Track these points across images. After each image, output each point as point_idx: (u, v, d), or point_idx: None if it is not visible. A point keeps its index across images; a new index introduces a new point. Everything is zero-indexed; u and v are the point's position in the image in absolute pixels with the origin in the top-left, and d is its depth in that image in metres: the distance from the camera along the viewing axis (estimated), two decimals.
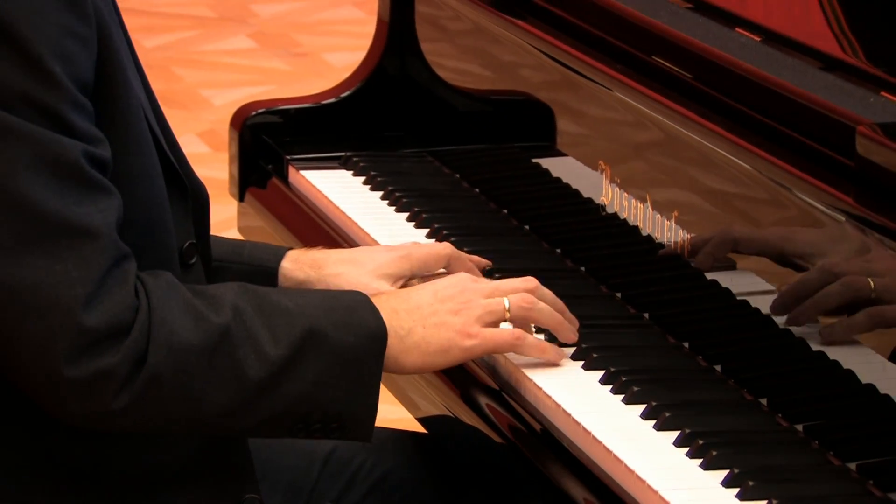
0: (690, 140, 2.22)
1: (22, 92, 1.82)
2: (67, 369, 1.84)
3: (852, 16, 2.53)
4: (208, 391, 1.91)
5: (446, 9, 2.83)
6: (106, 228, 1.86)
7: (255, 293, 1.98)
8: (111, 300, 1.86)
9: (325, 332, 1.96)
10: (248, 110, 2.91)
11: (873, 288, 1.91)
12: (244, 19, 7.09)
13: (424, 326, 2.05)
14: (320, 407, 1.96)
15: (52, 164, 1.83)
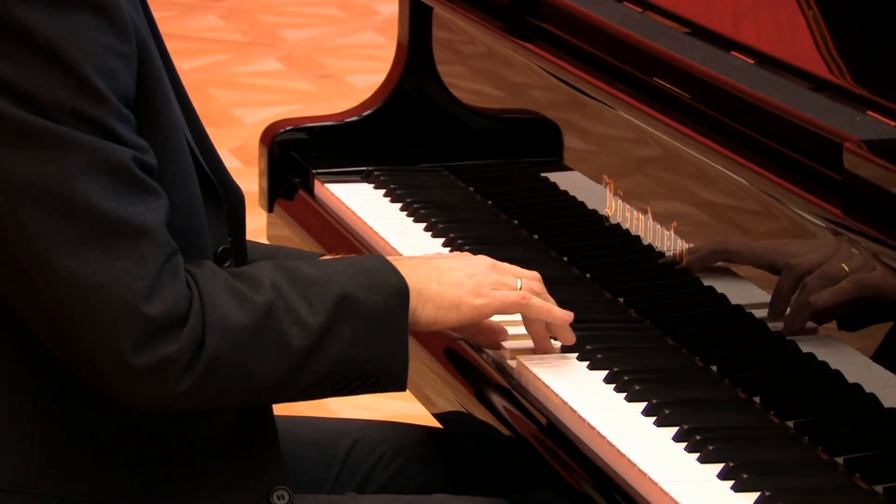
0: (688, 156, 2.21)
1: (71, 107, 1.82)
2: (134, 359, 1.84)
3: (839, 40, 2.53)
4: (260, 365, 1.91)
5: (461, 33, 2.83)
6: (158, 226, 1.86)
7: (286, 268, 1.98)
8: (167, 292, 1.85)
9: (356, 296, 1.96)
10: (276, 128, 2.92)
11: (860, 291, 1.90)
12: (273, 44, 7.09)
13: (440, 283, 2.05)
14: (358, 365, 1.97)
15: (105, 169, 1.83)
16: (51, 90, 1.81)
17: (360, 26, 7.36)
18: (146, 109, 1.90)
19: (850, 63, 2.40)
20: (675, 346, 2.23)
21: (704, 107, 2.23)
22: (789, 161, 2.06)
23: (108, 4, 1.84)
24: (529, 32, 2.62)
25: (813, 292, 1.99)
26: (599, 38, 2.47)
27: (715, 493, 1.88)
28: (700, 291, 2.20)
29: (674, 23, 2.47)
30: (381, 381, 2.00)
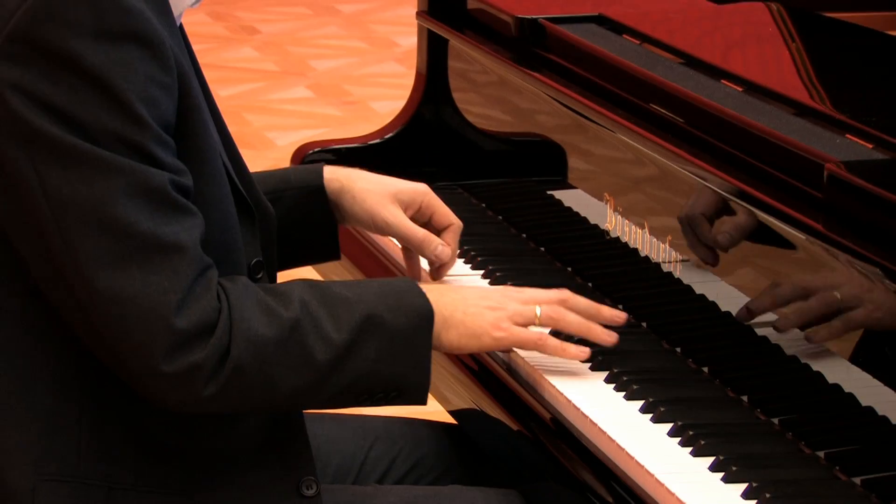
0: (682, 175, 2.21)
1: (114, 132, 1.81)
2: (165, 365, 1.84)
3: (819, 69, 2.53)
4: (284, 376, 1.90)
5: (475, 64, 2.83)
6: (191, 243, 1.85)
7: (318, 287, 1.97)
8: (198, 304, 1.85)
9: (382, 316, 1.95)
10: (306, 149, 2.91)
11: (839, 299, 1.90)
12: (303, 73, 7.10)
13: (465, 313, 2.03)
14: (381, 380, 1.96)
15: (143, 190, 1.83)
16: (96, 116, 1.81)
17: (382, 57, 7.36)
18: (185, 135, 1.90)
19: (830, 90, 2.40)
20: (670, 349, 2.22)
21: (697, 130, 2.22)
22: (775, 180, 2.05)
23: (152, 38, 1.84)
24: (537, 62, 2.61)
25: (795, 301, 1.99)
26: (601, 67, 2.47)
27: (706, 484, 1.88)
28: (693, 299, 2.19)
29: (669, 54, 2.47)
30: (403, 394, 1.98)
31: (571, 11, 2.69)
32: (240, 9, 8.04)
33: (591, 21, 2.64)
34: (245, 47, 7.56)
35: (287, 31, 7.84)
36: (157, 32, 1.84)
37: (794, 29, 2.73)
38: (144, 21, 1.83)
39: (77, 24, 1.80)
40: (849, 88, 2.40)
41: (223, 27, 7.84)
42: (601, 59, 2.48)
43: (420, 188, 2.34)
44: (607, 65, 2.46)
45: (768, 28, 2.76)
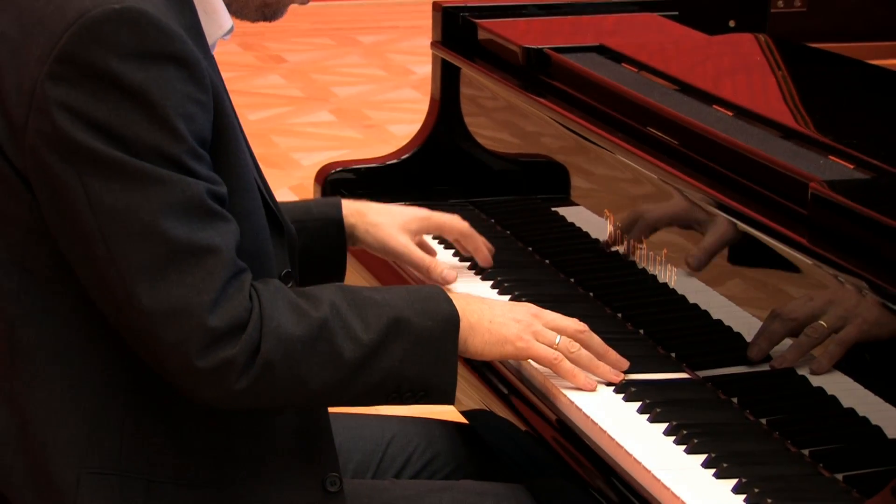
0: (677, 194, 2.20)
1: (154, 145, 1.81)
2: (199, 362, 1.82)
3: (804, 96, 2.53)
4: (313, 372, 1.88)
5: (484, 90, 2.83)
6: (225, 246, 1.84)
7: (349, 290, 1.95)
8: (231, 303, 1.84)
9: (409, 319, 1.93)
10: (328, 169, 2.91)
11: (826, 327, 1.90)
12: (326, 98, 7.10)
13: (491, 321, 2.02)
14: (408, 380, 1.93)
15: (180, 199, 1.82)
16: (137, 131, 1.80)
17: (399, 84, 7.36)
18: (220, 151, 1.89)
19: (814, 115, 2.40)
20: (665, 354, 2.21)
21: (690, 152, 2.22)
22: (763, 197, 2.05)
23: (189, 59, 1.83)
24: (542, 89, 2.61)
25: (782, 310, 1.99)
26: (601, 93, 2.47)
27: (699, 480, 1.87)
28: (686, 308, 2.19)
29: (664, 81, 2.47)
30: (431, 394, 1.96)
31: (574, 42, 2.69)
32: (268, 39, 8.05)
33: (593, 51, 2.64)
34: (273, 75, 7.57)
35: (311, 60, 7.85)
36: (194, 54, 1.84)
37: (780, 58, 2.74)
38: (182, 43, 1.82)
39: (120, 46, 1.79)
40: (831, 113, 2.40)
41: (253, 56, 7.84)
42: (601, 86, 2.48)
43: (422, 215, 2.38)
44: (607, 91, 2.46)
45: (756, 57, 2.76)
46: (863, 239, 1.84)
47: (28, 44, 1.83)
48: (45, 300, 1.89)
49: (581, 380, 2.07)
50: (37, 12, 1.83)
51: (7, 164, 1.85)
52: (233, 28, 1.98)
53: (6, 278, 1.89)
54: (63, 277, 1.88)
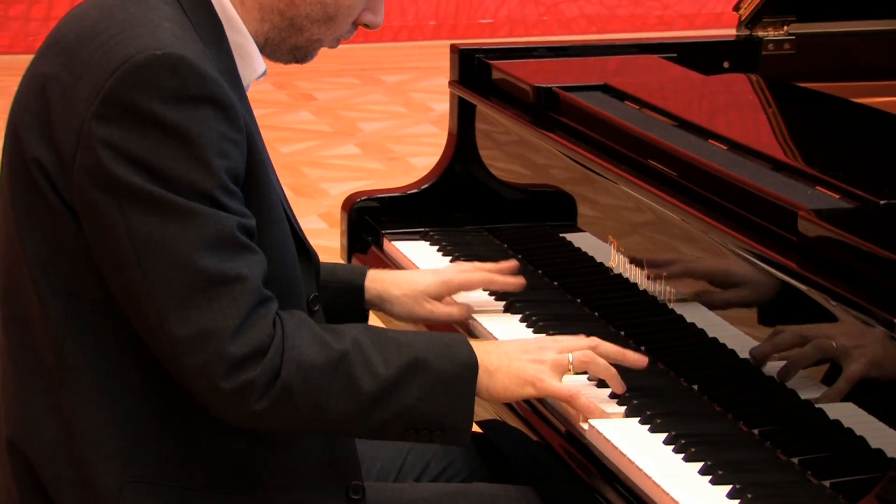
0: (675, 221, 2.19)
1: (189, 181, 1.80)
2: (223, 383, 1.81)
3: (793, 131, 2.53)
4: (330, 400, 1.86)
5: (498, 125, 2.82)
6: (251, 276, 1.83)
7: (374, 330, 1.93)
8: (254, 329, 1.82)
9: (428, 360, 1.90)
10: (354, 198, 2.91)
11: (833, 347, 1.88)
12: (352, 133, 7.11)
13: (509, 367, 1.97)
14: (424, 418, 1.90)
15: (211, 232, 1.81)
16: (175, 167, 1.80)
17: (420, 120, 7.37)
18: (251, 186, 1.88)
19: (802, 149, 2.39)
20: (665, 369, 2.20)
21: (688, 183, 2.21)
22: (755, 225, 2.04)
23: (225, 101, 1.83)
24: (551, 124, 2.61)
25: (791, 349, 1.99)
26: (606, 129, 2.46)
27: (696, 486, 1.86)
28: (684, 327, 2.18)
29: (664, 117, 2.46)
30: (446, 433, 1.92)
31: (580, 81, 2.68)
32: (299, 79, 8.07)
33: (598, 89, 2.64)
34: (303, 111, 7.58)
35: (339, 98, 7.86)
36: (229, 96, 1.84)
37: (771, 97, 2.74)
38: (218, 86, 1.82)
39: (160, 89, 1.79)
40: (818, 147, 2.40)
41: (285, 94, 7.86)
42: (606, 122, 2.47)
43: (443, 280, 2.32)
44: (611, 126, 2.45)
45: (748, 96, 2.76)
46: (847, 263, 1.83)
47: (77, 86, 1.83)
48: (91, 322, 1.89)
49: (597, 414, 2.02)
50: (85, 57, 1.84)
51: (57, 197, 1.86)
52: (266, 71, 1.98)
53: (55, 302, 1.89)
54: (107, 301, 1.88)
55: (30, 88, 1.90)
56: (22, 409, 1.94)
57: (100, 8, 1.89)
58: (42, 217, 1.88)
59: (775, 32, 2.97)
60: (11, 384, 1.96)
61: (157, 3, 1.87)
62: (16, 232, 1.91)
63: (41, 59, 1.91)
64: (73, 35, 1.88)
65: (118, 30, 1.83)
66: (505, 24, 9.20)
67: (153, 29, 1.83)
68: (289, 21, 1.95)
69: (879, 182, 2.04)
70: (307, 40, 1.98)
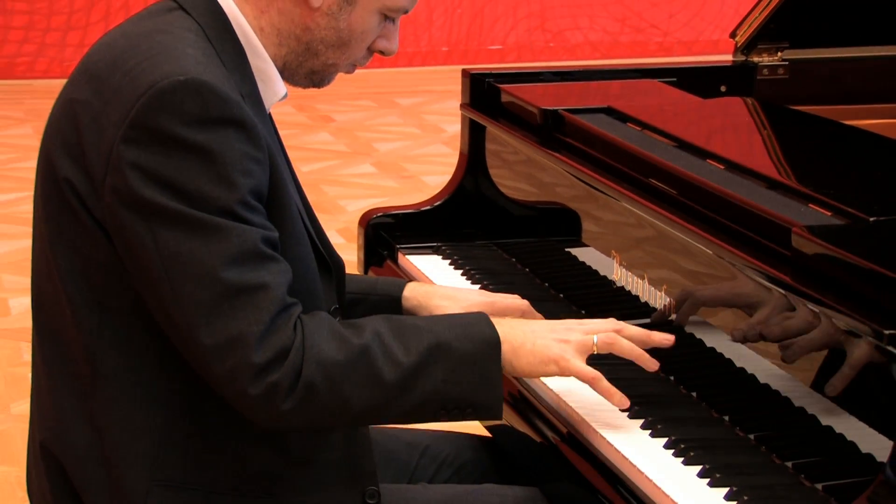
0: (675, 236, 2.19)
1: (214, 198, 1.80)
2: (250, 388, 1.81)
3: (786, 151, 2.52)
4: (354, 393, 1.84)
5: (506, 145, 2.82)
6: (274, 284, 1.82)
7: (394, 319, 1.91)
8: (277, 335, 1.81)
9: (449, 342, 1.88)
10: (370, 214, 2.91)
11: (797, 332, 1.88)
12: (369, 153, 7.11)
13: (534, 344, 1.94)
14: (452, 398, 1.88)
15: (235, 245, 1.81)
16: (199, 185, 1.80)
17: (432, 141, 7.37)
18: (273, 203, 1.88)
19: (795, 168, 2.39)
20: (665, 376, 2.19)
21: (687, 200, 2.21)
22: (751, 240, 2.03)
23: (246, 122, 1.83)
24: (557, 145, 2.61)
25: (764, 332, 1.98)
26: (609, 149, 2.46)
27: (695, 488, 1.85)
28: (683, 337, 2.17)
29: (664, 138, 2.46)
30: (478, 411, 1.90)
31: (585, 104, 2.68)
32: (318, 102, 8.07)
33: (601, 112, 2.64)
34: (323, 132, 7.58)
35: (356, 119, 7.87)
36: (250, 118, 1.84)
37: (766, 118, 2.73)
38: (239, 108, 1.83)
39: (184, 113, 1.80)
40: (810, 167, 2.39)
41: (305, 116, 7.86)
42: (609, 143, 2.47)
43: (487, 301, 2.24)
44: (614, 147, 2.45)
45: (744, 118, 2.75)
46: (839, 277, 1.83)
47: (106, 111, 1.83)
48: (121, 333, 1.89)
49: (616, 399, 1.98)
50: (114, 84, 1.84)
51: (88, 215, 1.86)
52: (286, 94, 1.98)
53: (89, 314, 1.89)
54: (137, 313, 1.88)
55: (62, 113, 1.91)
56: (55, 414, 1.94)
57: (127, 36, 1.90)
58: (74, 233, 1.88)
59: (770, 58, 2.97)
60: (45, 391, 1.96)
61: (181, 32, 1.87)
62: (49, 247, 1.91)
63: (72, 86, 1.92)
64: (102, 63, 1.88)
65: (144, 57, 1.84)
66: (513, 50, 9.21)
67: (177, 56, 1.83)
68: (305, 45, 1.95)
69: (869, 200, 2.03)
70: (322, 64, 1.98)
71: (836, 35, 2.98)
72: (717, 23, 9.31)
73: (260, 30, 1.93)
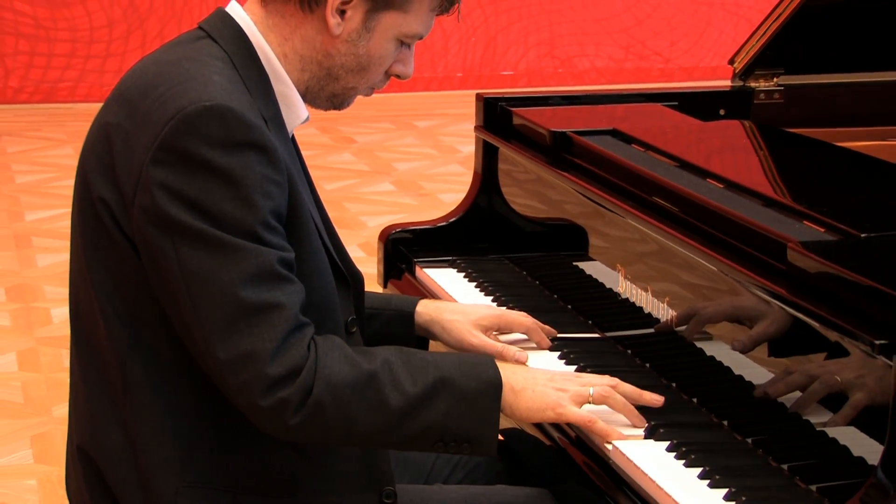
0: (677, 251, 2.18)
1: (235, 220, 1.80)
2: (262, 401, 1.80)
3: (782, 171, 2.52)
4: (360, 416, 1.84)
5: (518, 165, 2.82)
6: (289, 304, 1.81)
7: (405, 351, 1.90)
8: (290, 353, 1.81)
9: (454, 378, 1.87)
10: (389, 230, 2.90)
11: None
12: (388, 172, 7.11)
13: (534, 391, 1.93)
14: (451, 432, 1.87)
15: (254, 265, 1.80)
16: (222, 206, 1.80)
17: (448, 160, 7.37)
18: (292, 222, 1.88)
19: (790, 187, 2.38)
20: (667, 383, 2.18)
21: (688, 217, 2.20)
22: (748, 255, 2.03)
23: (267, 146, 1.83)
24: (565, 164, 2.60)
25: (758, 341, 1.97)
26: (615, 169, 2.45)
27: (696, 489, 1.84)
28: (684, 346, 2.16)
29: (667, 159, 2.45)
30: (473, 446, 1.89)
31: (592, 126, 2.68)
32: (341, 124, 8.08)
33: (607, 134, 2.63)
34: (345, 153, 7.58)
35: (376, 140, 7.87)
36: (272, 142, 1.84)
37: (762, 140, 2.73)
38: (261, 133, 1.83)
39: (210, 137, 1.80)
40: (805, 186, 2.39)
41: (328, 137, 7.87)
42: (615, 163, 2.46)
43: (495, 314, 2.26)
44: (619, 167, 2.44)
45: (742, 140, 2.75)
46: (831, 290, 1.82)
47: (137, 134, 1.84)
48: (151, 344, 1.89)
49: (613, 437, 1.97)
50: (144, 108, 1.85)
51: (120, 233, 1.86)
52: (308, 117, 1.99)
53: (120, 326, 1.89)
54: (164, 325, 1.88)
55: (97, 135, 1.92)
56: (91, 420, 1.94)
57: (158, 64, 1.90)
58: (107, 250, 1.88)
59: (766, 83, 2.96)
60: (82, 398, 1.97)
61: (208, 60, 1.87)
62: (85, 262, 1.92)
63: (107, 110, 1.93)
64: (134, 88, 1.89)
65: (173, 83, 1.84)
66: (524, 76, 9.21)
67: (204, 83, 1.83)
68: (326, 71, 1.95)
69: (860, 217, 2.03)
70: (343, 88, 1.98)
71: (829, 62, 2.97)
72: (715, 50, 9.30)
73: (284, 56, 1.93)
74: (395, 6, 1.93)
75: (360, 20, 1.92)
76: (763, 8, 9.18)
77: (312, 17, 1.92)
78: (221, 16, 1.94)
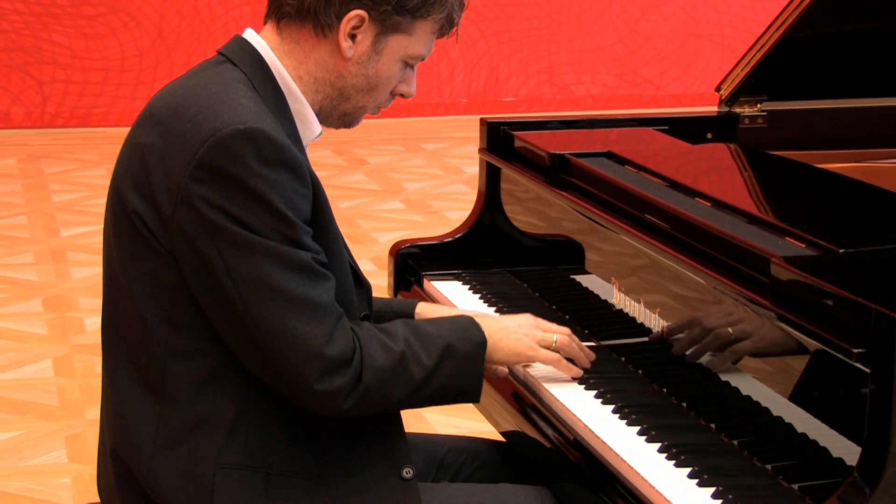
0: (667, 265, 2.18)
1: (273, 228, 1.85)
2: (318, 386, 1.86)
3: (766, 191, 2.51)
4: (395, 393, 1.94)
5: (520, 185, 2.82)
6: (329, 300, 1.88)
7: (412, 325, 2.00)
8: (339, 342, 1.87)
9: (455, 344, 1.99)
10: (399, 245, 2.91)
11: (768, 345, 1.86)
12: (398, 191, 7.11)
13: (507, 338, 2.08)
14: (453, 389, 1.99)
15: (296, 266, 1.85)
16: (260, 218, 1.84)
17: (454, 181, 7.37)
18: (318, 227, 1.92)
19: (773, 206, 2.38)
20: (658, 389, 2.18)
21: (678, 233, 2.20)
22: (734, 269, 2.02)
23: (296, 163, 1.86)
24: (563, 184, 2.60)
25: (741, 348, 1.96)
26: (609, 188, 2.45)
27: (685, 488, 1.84)
28: (674, 353, 2.15)
29: (658, 179, 2.45)
30: (466, 396, 2.01)
31: (588, 149, 2.68)
32: (354, 146, 8.09)
33: (602, 156, 2.63)
34: (358, 173, 7.59)
35: (387, 162, 7.87)
36: (299, 159, 1.88)
37: (747, 162, 2.72)
38: (290, 152, 1.86)
39: (243, 156, 1.83)
40: (787, 204, 2.38)
41: (343, 159, 7.88)
42: (609, 183, 2.46)
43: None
44: (614, 186, 2.44)
45: (728, 161, 2.75)
46: (812, 301, 1.81)
47: (172, 153, 1.86)
48: (187, 343, 1.91)
49: (574, 371, 2.15)
50: (177, 129, 1.87)
51: (158, 243, 1.87)
52: (321, 132, 2.02)
53: (158, 328, 1.91)
54: (200, 325, 1.90)
55: (129, 154, 1.94)
56: (122, 421, 1.96)
57: (186, 87, 1.92)
58: (145, 259, 1.90)
59: (750, 109, 2.96)
60: (113, 402, 1.98)
61: (232, 83, 1.90)
62: (122, 273, 1.93)
63: (139, 130, 1.94)
64: (165, 110, 1.91)
65: (204, 106, 1.86)
66: (525, 102, 9.22)
67: (234, 106, 1.86)
68: (338, 91, 1.98)
69: (839, 234, 2.02)
70: (353, 107, 2.01)
71: (810, 89, 2.98)
72: (703, 78, 9.31)
73: (299, 78, 1.96)
74: (401, 30, 1.96)
75: (369, 43, 1.95)
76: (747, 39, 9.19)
77: (325, 42, 1.95)
78: (239, 42, 1.97)
